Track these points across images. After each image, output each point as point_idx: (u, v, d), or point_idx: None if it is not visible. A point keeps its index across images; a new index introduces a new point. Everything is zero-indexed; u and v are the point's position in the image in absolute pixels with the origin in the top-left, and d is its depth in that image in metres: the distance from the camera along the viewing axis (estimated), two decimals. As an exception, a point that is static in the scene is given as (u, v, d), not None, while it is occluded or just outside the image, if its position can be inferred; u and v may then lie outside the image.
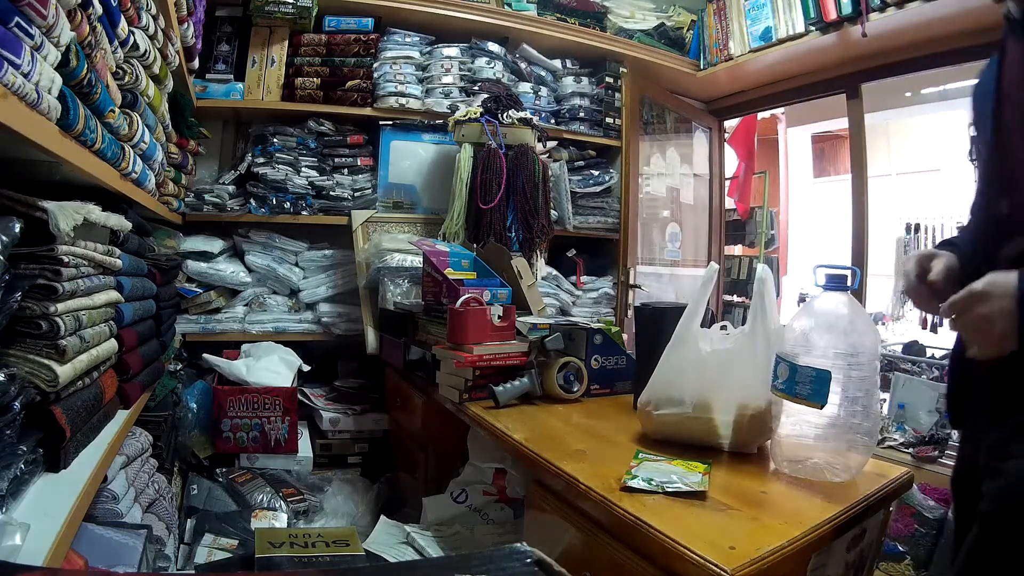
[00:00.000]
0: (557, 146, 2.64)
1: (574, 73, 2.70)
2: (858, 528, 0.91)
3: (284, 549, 1.23)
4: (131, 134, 1.06)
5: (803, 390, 0.94)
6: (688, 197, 3.15)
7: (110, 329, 1.00)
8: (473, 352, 1.42)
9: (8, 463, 0.69)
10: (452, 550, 1.36)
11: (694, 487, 0.89)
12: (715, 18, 2.70)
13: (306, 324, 2.24)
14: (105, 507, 1.12)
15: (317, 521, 1.72)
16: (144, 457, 1.33)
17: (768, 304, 1.08)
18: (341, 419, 2.05)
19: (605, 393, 1.54)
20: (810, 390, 0.93)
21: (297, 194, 2.22)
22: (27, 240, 0.74)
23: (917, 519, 1.87)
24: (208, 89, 2.16)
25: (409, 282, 2.02)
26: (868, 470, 1.01)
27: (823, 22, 2.25)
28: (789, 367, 0.96)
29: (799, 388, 0.94)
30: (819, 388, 0.93)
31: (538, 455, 1.06)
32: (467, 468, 1.64)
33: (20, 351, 0.77)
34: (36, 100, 0.66)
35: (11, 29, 0.61)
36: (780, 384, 0.98)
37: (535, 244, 2.17)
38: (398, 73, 2.34)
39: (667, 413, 1.11)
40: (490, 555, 0.50)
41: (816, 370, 0.93)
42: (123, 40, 1.02)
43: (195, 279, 2.11)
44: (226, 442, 1.83)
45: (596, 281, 2.71)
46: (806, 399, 0.94)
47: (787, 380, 0.96)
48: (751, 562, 0.71)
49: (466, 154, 2.16)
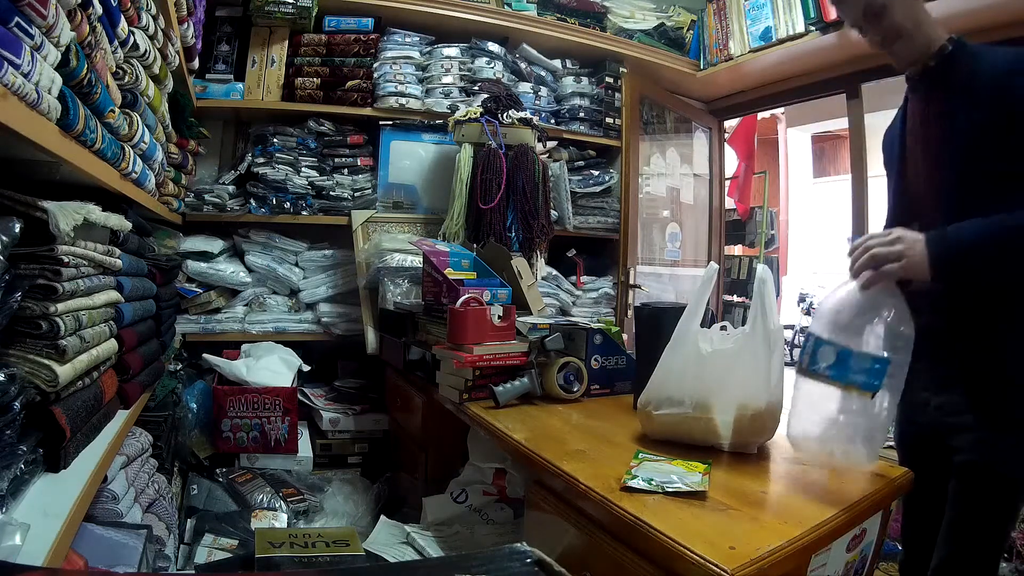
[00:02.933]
0: (557, 146, 2.64)
1: (574, 73, 2.70)
2: (858, 528, 0.91)
3: (284, 549, 1.23)
4: (131, 134, 1.07)
5: (857, 378, 0.91)
6: (688, 197, 3.15)
7: (110, 329, 1.00)
8: (473, 352, 1.42)
9: (8, 463, 0.69)
10: (452, 550, 1.36)
11: (694, 487, 0.89)
12: (715, 18, 2.70)
13: (306, 324, 2.24)
14: (105, 507, 1.12)
15: (317, 521, 1.72)
16: (144, 457, 1.33)
17: (768, 304, 1.08)
18: (341, 419, 2.05)
19: (605, 393, 1.54)
20: (865, 378, 0.90)
21: (297, 194, 2.23)
22: (27, 240, 0.74)
23: (917, 519, 1.86)
24: (208, 89, 2.16)
25: (409, 282, 2.02)
26: (868, 470, 1.01)
27: (823, 22, 2.25)
28: (837, 352, 0.93)
29: (853, 375, 0.91)
30: (876, 376, 0.90)
31: (538, 455, 1.06)
32: (467, 468, 1.64)
33: (20, 351, 0.77)
34: (36, 100, 0.66)
35: (11, 29, 0.61)
36: (826, 369, 0.93)
37: (535, 244, 2.17)
38: (398, 73, 2.34)
39: (667, 413, 1.11)
40: (490, 555, 0.50)
41: (876, 358, 0.91)
42: (123, 40, 1.02)
43: (195, 279, 2.11)
44: (226, 442, 1.83)
45: (596, 281, 2.71)
46: (859, 387, 0.91)
47: (836, 365, 0.92)
48: (751, 562, 0.71)
49: (466, 154, 2.16)
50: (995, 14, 1.92)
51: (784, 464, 1.04)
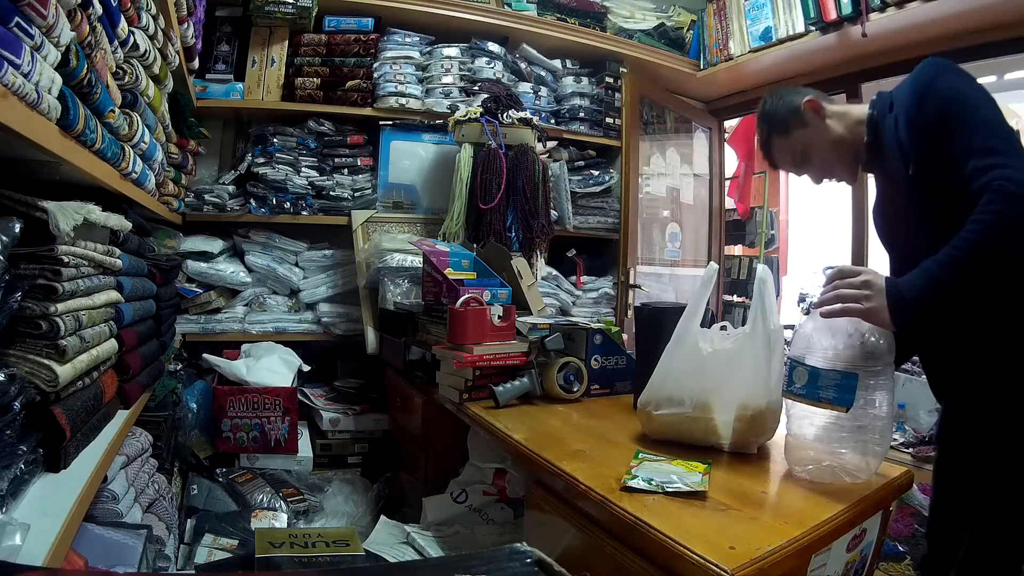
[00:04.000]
0: (557, 146, 2.64)
1: (574, 73, 2.70)
2: (858, 528, 0.91)
3: (284, 549, 1.23)
4: (131, 134, 1.06)
5: (827, 394, 0.93)
6: (688, 197, 3.15)
7: (110, 329, 1.00)
8: (473, 352, 1.42)
9: (8, 463, 0.69)
10: (452, 550, 1.36)
11: (694, 487, 0.89)
12: (715, 18, 2.69)
13: (306, 324, 2.24)
14: (105, 507, 1.12)
15: (317, 521, 1.72)
16: (144, 457, 1.33)
17: (768, 304, 1.08)
18: (341, 419, 2.05)
19: (605, 393, 1.54)
20: (835, 394, 0.93)
21: (297, 194, 2.22)
22: (27, 240, 0.74)
23: (917, 519, 1.86)
24: (208, 89, 2.16)
25: (409, 282, 2.02)
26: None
27: (823, 22, 2.25)
28: (808, 372, 0.95)
29: (823, 392, 0.94)
30: (845, 392, 0.92)
31: (538, 455, 1.06)
32: (467, 468, 1.64)
33: (20, 351, 0.77)
34: (36, 100, 0.66)
35: (11, 29, 0.61)
36: (799, 389, 0.97)
37: (535, 244, 2.17)
38: (398, 73, 2.34)
39: (667, 413, 1.11)
40: (490, 555, 0.50)
41: (842, 374, 0.93)
42: (123, 40, 1.02)
43: (195, 279, 2.11)
44: (226, 442, 1.83)
45: (596, 281, 2.71)
46: (831, 403, 0.93)
47: (807, 385, 0.95)
48: (751, 562, 0.71)
49: (466, 154, 2.16)
50: (995, 14, 1.93)
51: (784, 464, 1.04)
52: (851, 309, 0.97)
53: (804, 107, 1.24)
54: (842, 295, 0.99)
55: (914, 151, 1.06)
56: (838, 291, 1.00)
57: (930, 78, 1.06)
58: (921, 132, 1.05)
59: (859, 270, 1.01)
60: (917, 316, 0.96)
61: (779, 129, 1.28)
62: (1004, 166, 0.93)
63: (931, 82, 1.06)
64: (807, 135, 1.24)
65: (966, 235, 0.94)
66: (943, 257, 0.95)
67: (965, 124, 1.00)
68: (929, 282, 0.96)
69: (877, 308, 0.96)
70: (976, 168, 0.96)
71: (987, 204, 0.92)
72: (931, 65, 1.08)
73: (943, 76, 1.06)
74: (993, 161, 0.94)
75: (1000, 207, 0.91)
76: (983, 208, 0.93)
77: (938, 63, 1.08)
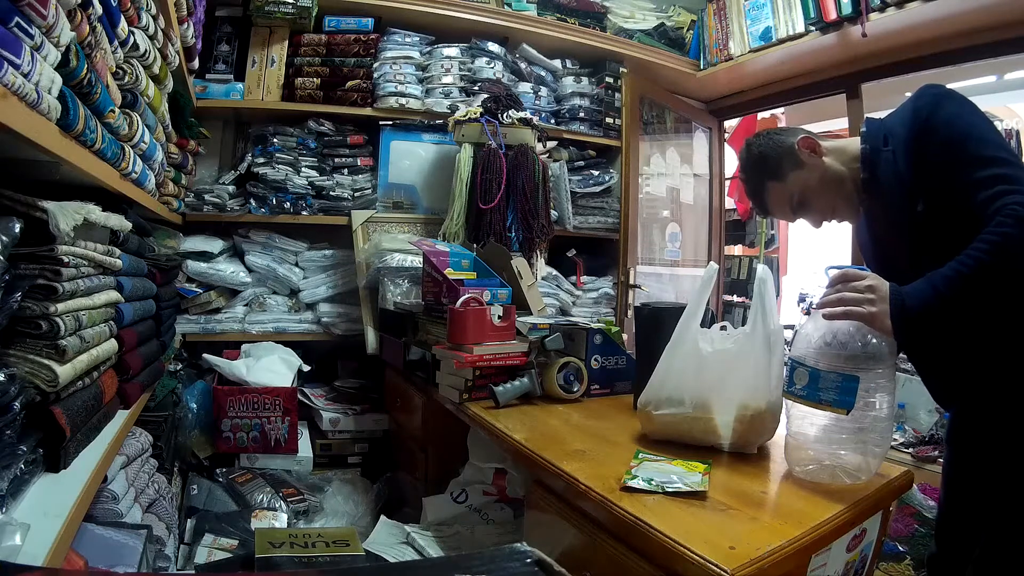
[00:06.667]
0: (557, 146, 2.64)
1: (574, 73, 2.70)
2: (858, 528, 0.91)
3: (284, 549, 1.23)
4: (131, 134, 1.06)
5: (828, 396, 0.93)
6: (688, 197, 3.15)
7: (110, 329, 1.00)
8: (473, 352, 1.42)
9: (8, 463, 0.69)
10: (452, 550, 1.36)
11: (694, 487, 0.89)
12: (715, 18, 2.69)
13: (306, 324, 2.24)
14: (105, 507, 1.12)
15: (317, 521, 1.72)
16: (144, 457, 1.33)
17: (768, 304, 1.08)
18: (341, 419, 2.05)
19: (605, 393, 1.54)
20: (836, 396, 0.93)
21: (297, 194, 2.22)
22: (27, 240, 0.74)
23: (917, 519, 1.87)
24: (208, 89, 2.16)
25: (409, 282, 2.02)
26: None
27: (823, 22, 2.25)
28: (809, 373, 0.96)
29: (823, 394, 0.94)
30: (846, 394, 0.92)
31: (538, 455, 1.06)
32: (467, 468, 1.64)
33: (20, 351, 0.77)
34: (36, 100, 0.66)
35: (11, 29, 0.61)
36: (799, 390, 0.97)
37: (535, 244, 2.17)
38: (398, 73, 2.34)
39: (667, 413, 1.11)
40: (490, 555, 0.50)
41: (843, 376, 0.93)
42: (123, 40, 1.02)
43: (195, 279, 2.11)
44: (226, 442, 1.83)
45: (596, 281, 2.71)
46: (832, 405, 0.93)
47: (808, 386, 0.95)
48: (751, 562, 0.71)
49: (466, 154, 2.16)
50: (995, 14, 1.93)
51: (784, 464, 1.04)
52: (853, 313, 0.97)
53: (799, 146, 1.17)
54: (845, 298, 0.99)
55: (921, 189, 1.05)
56: (841, 294, 0.99)
57: (930, 111, 1.04)
58: (927, 169, 1.04)
59: (864, 274, 1.01)
60: (918, 326, 0.96)
61: (772, 174, 1.20)
62: (1016, 192, 0.94)
63: (932, 116, 1.04)
64: (804, 176, 1.17)
65: (974, 252, 0.94)
66: (949, 272, 0.95)
67: (973, 156, 0.99)
68: (932, 294, 0.96)
69: (879, 314, 0.96)
70: (987, 197, 0.96)
71: (998, 225, 0.93)
72: (929, 96, 1.06)
73: (942, 107, 1.04)
74: (1004, 188, 0.95)
75: (1010, 230, 0.91)
76: (993, 229, 0.93)
77: (935, 93, 1.06)
